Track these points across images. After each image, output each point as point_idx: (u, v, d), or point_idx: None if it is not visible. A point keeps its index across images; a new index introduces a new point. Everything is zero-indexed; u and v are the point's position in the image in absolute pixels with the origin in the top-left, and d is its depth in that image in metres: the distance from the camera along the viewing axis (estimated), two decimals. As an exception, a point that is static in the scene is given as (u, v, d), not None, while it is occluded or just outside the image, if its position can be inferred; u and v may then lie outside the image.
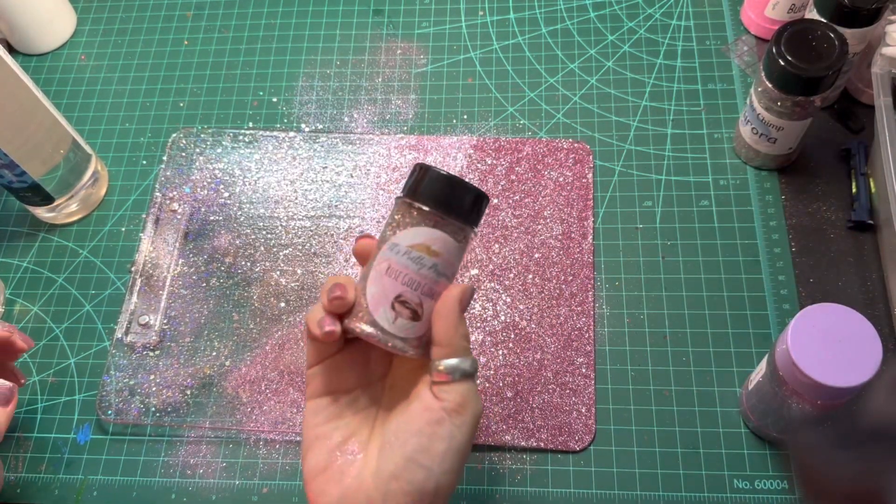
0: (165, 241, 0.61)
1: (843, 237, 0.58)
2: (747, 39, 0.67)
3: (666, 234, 0.60)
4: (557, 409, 0.53)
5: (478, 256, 0.59)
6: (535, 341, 0.56)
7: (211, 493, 0.53)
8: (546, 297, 0.57)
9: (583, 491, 0.52)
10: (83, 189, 0.63)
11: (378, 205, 0.62)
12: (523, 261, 0.58)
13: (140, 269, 0.60)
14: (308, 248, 0.61)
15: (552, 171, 0.62)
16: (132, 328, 0.58)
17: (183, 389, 0.56)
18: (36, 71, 0.73)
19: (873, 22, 0.55)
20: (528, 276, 0.58)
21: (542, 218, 0.60)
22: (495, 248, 0.59)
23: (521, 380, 0.54)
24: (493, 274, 0.58)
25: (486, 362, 0.55)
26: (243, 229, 0.62)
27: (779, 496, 0.50)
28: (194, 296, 0.59)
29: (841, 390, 0.41)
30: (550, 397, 0.54)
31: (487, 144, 0.64)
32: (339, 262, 0.60)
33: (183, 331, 0.58)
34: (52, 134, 0.59)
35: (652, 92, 0.66)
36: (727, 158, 0.62)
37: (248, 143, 0.65)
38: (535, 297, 0.57)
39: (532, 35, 0.70)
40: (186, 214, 0.62)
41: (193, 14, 0.75)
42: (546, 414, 0.53)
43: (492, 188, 0.62)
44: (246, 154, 0.65)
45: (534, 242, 0.59)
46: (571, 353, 0.55)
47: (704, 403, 0.53)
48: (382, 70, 0.70)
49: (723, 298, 0.57)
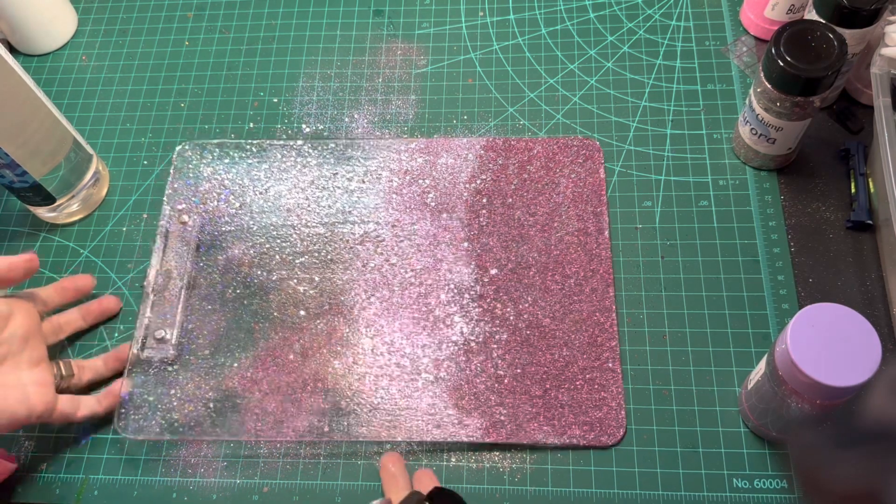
0: (177, 254, 0.60)
1: (842, 237, 0.58)
2: (746, 40, 0.68)
3: (665, 234, 0.60)
4: (587, 405, 0.53)
5: (496, 256, 0.59)
6: (560, 338, 0.56)
7: (212, 493, 0.54)
8: (567, 294, 0.57)
9: (583, 490, 0.52)
10: (84, 189, 0.63)
11: (392, 209, 0.62)
12: (542, 259, 0.59)
13: (152, 283, 0.59)
14: (324, 254, 0.60)
15: (564, 169, 0.62)
16: (148, 343, 0.57)
17: (206, 403, 0.55)
18: (37, 71, 0.73)
19: (872, 22, 0.55)
20: (548, 274, 0.58)
21: (557, 215, 0.60)
22: (513, 246, 0.59)
23: (549, 377, 0.54)
24: (513, 273, 0.58)
25: (513, 360, 0.55)
26: (257, 239, 0.61)
27: (778, 495, 0.50)
28: (211, 308, 0.59)
29: (840, 390, 0.41)
30: (579, 394, 0.54)
31: (497, 145, 0.64)
32: (356, 267, 0.60)
33: (202, 343, 0.57)
34: (53, 134, 0.59)
35: (651, 92, 0.66)
36: (726, 159, 0.62)
37: (256, 154, 0.65)
38: (556, 293, 0.57)
39: (532, 36, 0.70)
40: (197, 226, 0.62)
41: (194, 15, 0.75)
42: (576, 410, 0.53)
43: (505, 187, 0.62)
44: (254, 164, 0.64)
45: (551, 240, 0.59)
46: (596, 348, 0.55)
47: (704, 403, 0.54)
48: (383, 71, 0.70)
49: (722, 298, 0.57)
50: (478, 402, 0.54)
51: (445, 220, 0.61)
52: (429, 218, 0.61)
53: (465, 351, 0.56)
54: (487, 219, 0.60)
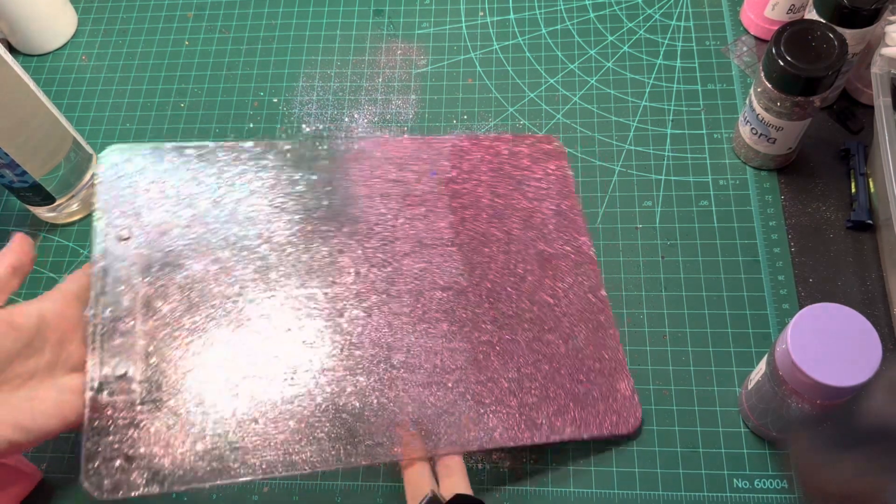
0: (125, 277, 0.50)
1: (842, 237, 0.58)
2: (747, 40, 0.67)
3: (665, 233, 0.60)
4: (600, 397, 0.53)
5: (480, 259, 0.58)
6: (563, 332, 0.55)
7: (212, 492, 0.53)
8: (560, 292, 0.57)
9: (583, 490, 0.52)
10: (84, 189, 0.63)
11: (368, 207, 0.57)
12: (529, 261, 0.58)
13: (100, 315, 0.49)
14: (302, 263, 0.54)
15: (525, 171, 0.61)
16: (107, 383, 0.47)
17: (193, 444, 0.47)
18: (37, 71, 0.73)
19: (873, 22, 0.55)
20: (537, 278, 0.57)
21: (536, 213, 0.60)
22: (500, 257, 0.58)
23: (560, 375, 0.54)
24: (505, 278, 0.57)
25: (527, 362, 0.54)
26: (220, 252, 0.53)
27: (778, 495, 0.50)
28: (178, 333, 0.50)
29: (840, 390, 0.41)
30: (592, 387, 0.54)
31: (463, 149, 0.62)
32: (340, 273, 0.54)
33: (174, 377, 0.48)
34: (53, 134, 0.59)
35: (651, 92, 0.66)
36: (727, 158, 0.62)
37: (200, 157, 0.56)
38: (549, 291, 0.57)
39: (532, 35, 0.70)
40: (144, 243, 0.52)
41: (194, 15, 0.75)
42: (589, 403, 0.53)
43: (477, 190, 0.60)
44: (200, 168, 0.56)
45: (530, 238, 0.59)
46: (599, 340, 0.55)
47: (704, 403, 0.54)
48: (383, 70, 0.70)
49: (722, 298, 0.57)
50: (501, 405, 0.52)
51: (431, 221, 0.58)
52: (407, 219, 0.58)
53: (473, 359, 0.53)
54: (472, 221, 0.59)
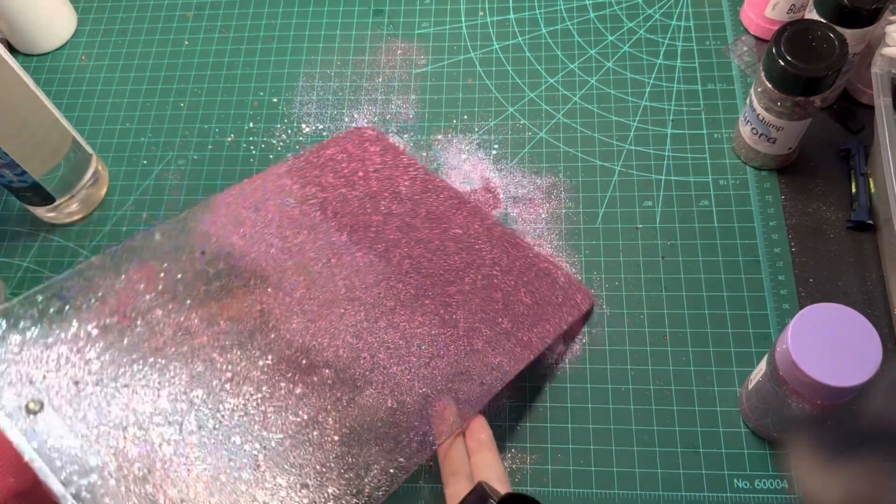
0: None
1: (842, 237, 0.58)
2: (747, 40, 0.67)
3: (666, 233, 0.60)
4: (551, 296, 0.56)
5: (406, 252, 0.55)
6: (490, 261, 0.57)
7: (211, 493, 0.53)
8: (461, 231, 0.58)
9: (583, 490, 0.52)
10: (84, 189, 0.63)
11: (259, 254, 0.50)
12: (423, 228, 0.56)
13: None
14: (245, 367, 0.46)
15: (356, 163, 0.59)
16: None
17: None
18: (36, 71, 0.73)
19: (873, 22, 0.55)
20: (437, 234, 0.57)
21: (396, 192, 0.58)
22: (399, 236, 0.55)
23: (513, 297, 0.55)
24: (416, 249, 0.55)
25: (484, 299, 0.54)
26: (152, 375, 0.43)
27: (778, 496, 0.50)
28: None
29: (841, 390, 0.41)
30: (539, 295, 0.56)
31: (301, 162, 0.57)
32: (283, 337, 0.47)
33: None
34: (52, 134, 0.59)
35: (652, 92, 0.66)
36: (727, 158, 0.62)
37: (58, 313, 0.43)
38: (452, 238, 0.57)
39: (532, 35, 0.70)
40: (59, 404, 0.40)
41: (194, 14, 0.75)
42: (549, 305, 0.55)
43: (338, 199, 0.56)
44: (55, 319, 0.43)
45: (409, 209, 0.58)
46: (519, 254, 0.58)
47: (704, 403, 0.54)
48: (383, 70, 0.70)
49: (722, 298, 0.57)
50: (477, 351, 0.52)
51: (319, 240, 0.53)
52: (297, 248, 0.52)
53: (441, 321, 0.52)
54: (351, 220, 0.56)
